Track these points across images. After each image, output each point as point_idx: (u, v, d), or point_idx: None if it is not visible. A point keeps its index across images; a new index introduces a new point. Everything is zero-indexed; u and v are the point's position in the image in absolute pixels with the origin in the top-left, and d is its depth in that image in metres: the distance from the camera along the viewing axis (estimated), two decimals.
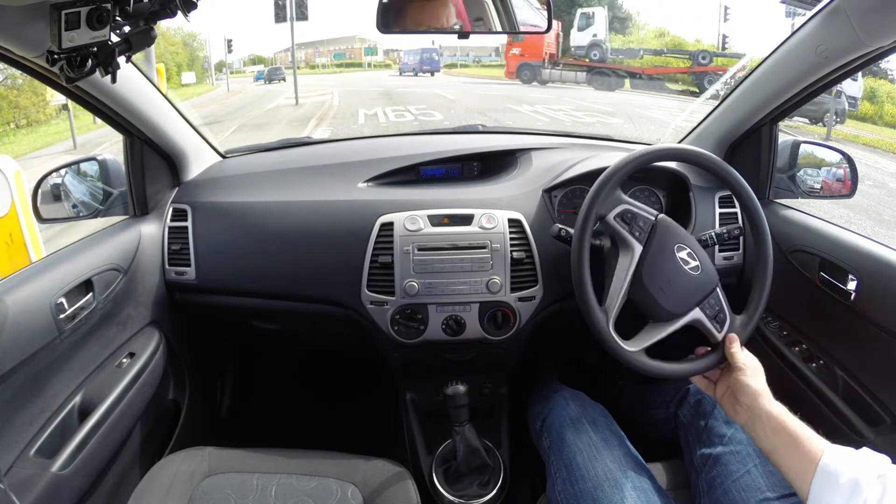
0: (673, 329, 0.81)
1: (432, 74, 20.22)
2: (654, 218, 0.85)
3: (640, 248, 0.83)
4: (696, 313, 0.81)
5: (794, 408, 0.93)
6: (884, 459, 0.58)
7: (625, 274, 0.82)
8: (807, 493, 0.60)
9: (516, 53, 15.91)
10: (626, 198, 0.86)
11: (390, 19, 0.92)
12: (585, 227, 0.84)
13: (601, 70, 14.79)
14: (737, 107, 1.09)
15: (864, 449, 0.61)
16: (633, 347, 0.80)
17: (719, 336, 0.80)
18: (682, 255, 0.83)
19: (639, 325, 0.84)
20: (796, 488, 0.63)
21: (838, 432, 0.83)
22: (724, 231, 0.94)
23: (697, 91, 13.31)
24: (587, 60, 15.08)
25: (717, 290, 0.83)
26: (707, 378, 0.80)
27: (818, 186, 1.15)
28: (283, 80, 18.67)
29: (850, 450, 0.61)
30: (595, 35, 15.10)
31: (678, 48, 16.53)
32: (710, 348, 0.81)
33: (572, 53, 15.59)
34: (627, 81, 14.74)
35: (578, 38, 15.34)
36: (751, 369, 0.74)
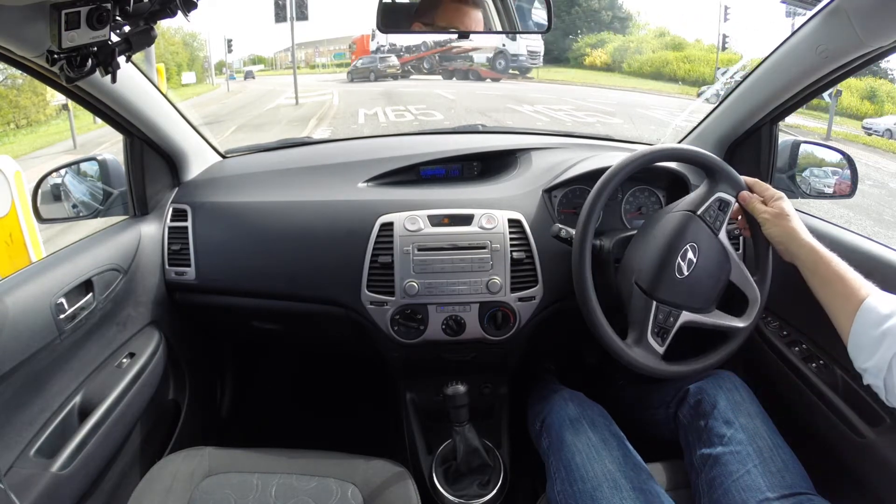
0: (738, 260, 0.87)
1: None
2: (648, 298, 0.84)
3: (684, 312, 0.84)
4: (722, 234, 0.86)
5: (794, 407, 0.93)
6: None
7: (703, 321, 0.86)
8: (847, 333, 0.64)
9: (352, 59, 22.37)
10: (630, 341, 0.85)
11: (390, 19, 0.92)
12: (587, 229, 0.84)
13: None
14: (737, 107, 1.09)
15: None
16: (752, 316, 0.86)
17: (733, 200, 0.86)
18: (683, 264, 0.84)
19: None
20: (836, 326, 0.66)
21: (838, 432, 0.83)
22: None
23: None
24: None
25: (696, 215, 0.85)
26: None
27: (819, 186, 1.15)
28: (254, 77, 24.46)
29: (892, 296, 0.62)
30: (380, 43, 21.10)
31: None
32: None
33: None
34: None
35: (373, 45, 21.89)
36: (773, 216, 0.78)
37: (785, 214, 0.77)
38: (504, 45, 15.70)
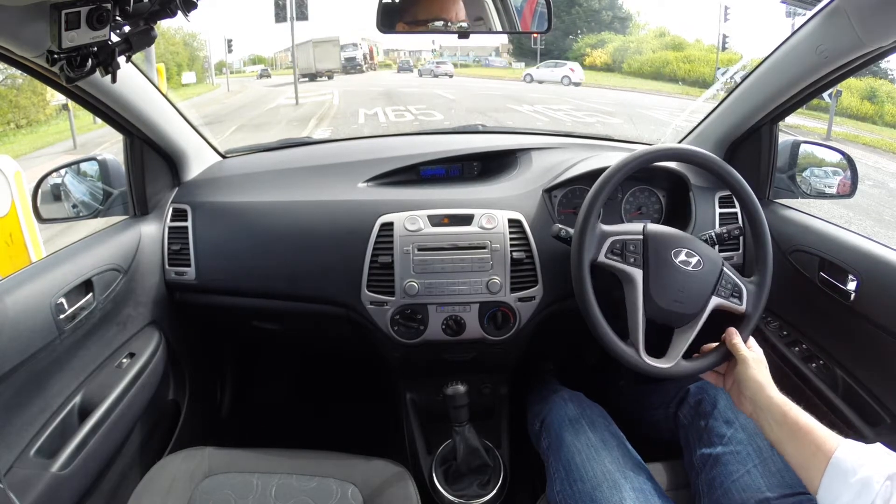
0: (699, 326, 0.82)
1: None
2: (641, 235, 0.84)
3: (640, 272, 0.82)
4: (714, 300, 0.82)
5: None
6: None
7: (636, 304, 0.82)
8: (817, 486, 0.61)
9: None
10: (607, 228, 0.85)
11: (390, 19, 0.92)
12: (586, 229, 0.84)
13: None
14: (737, 107, 1.09)
15: (878, 445, 0.61)
16: (670, 363, 0.81)
17: (743, 308, 0.82)
18: (682, 257, 0.83)
19: (661, 335, 0.84)
20: (803, 479, 0.63)
21: (838, 432, 0.82)
22: (724, 231, 0.94)
23: None
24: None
25: (724, 269, 0.83)
26: (716, 371, 0.82)
27: (819, 186, 1.15)
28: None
29: (862, 445, 0.61)
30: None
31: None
32: (716, 344, 0.82)
33: None
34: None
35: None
36: (753, 361, 0.75)
37: (764, 363, 0.76)
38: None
